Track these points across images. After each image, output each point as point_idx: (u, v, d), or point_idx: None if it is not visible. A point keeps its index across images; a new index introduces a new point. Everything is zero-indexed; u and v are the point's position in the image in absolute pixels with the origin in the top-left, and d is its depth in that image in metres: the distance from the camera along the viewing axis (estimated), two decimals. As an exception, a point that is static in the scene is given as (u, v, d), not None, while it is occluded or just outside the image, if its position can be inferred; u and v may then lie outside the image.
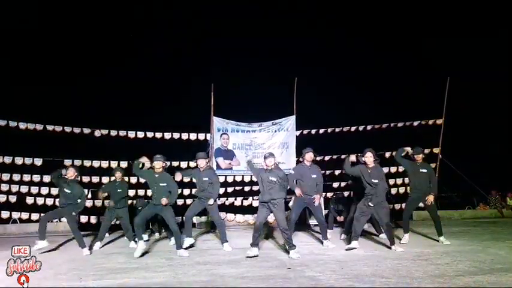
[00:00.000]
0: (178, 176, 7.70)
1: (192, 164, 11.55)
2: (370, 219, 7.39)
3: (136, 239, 7.02)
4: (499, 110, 16.64)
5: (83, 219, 11.11)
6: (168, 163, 7.40)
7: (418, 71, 16.58)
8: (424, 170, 7.41)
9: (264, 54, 17.21)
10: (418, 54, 17.27)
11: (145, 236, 7.75)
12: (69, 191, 7.18)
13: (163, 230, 9.00)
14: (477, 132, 15.84)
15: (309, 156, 7.57)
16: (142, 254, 6.58)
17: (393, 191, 12.40)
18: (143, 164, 7.14)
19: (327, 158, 12.57)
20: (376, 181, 6.62)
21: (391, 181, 12.26)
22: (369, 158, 6.72)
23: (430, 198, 7.25)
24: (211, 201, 7.41)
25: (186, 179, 9.83)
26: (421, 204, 7.77)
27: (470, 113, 15.78)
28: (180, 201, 11.13)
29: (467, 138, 15.26)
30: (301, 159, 8.12)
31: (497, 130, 16.27)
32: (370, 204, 6.58)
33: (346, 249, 6.57)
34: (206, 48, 17.09)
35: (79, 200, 7.25)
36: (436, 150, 12.50)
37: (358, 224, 6.70)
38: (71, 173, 7.36)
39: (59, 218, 10.06)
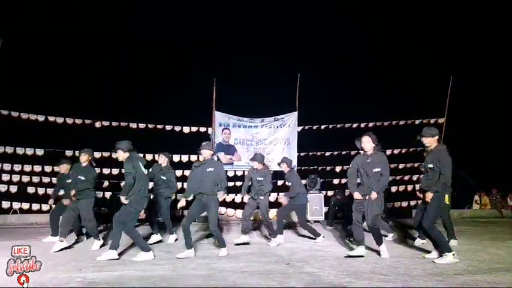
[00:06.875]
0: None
1: (192, 157, 11.60)
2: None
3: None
4: (500, 110, 16.63)
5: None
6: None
7: (421, 69, 16.55)
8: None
9: (267, 49, 17.18)
10: (420, 52, 17.22)
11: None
12: (165, 178, 7.71)
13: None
14: (479, 131, 15.84)
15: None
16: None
17: (393, 189, 12.45)
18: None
19: (327, 153, 12.60)
20: None
21: (391, 177, 12.34)
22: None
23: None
24: (262, 197, 7.38)
25: None
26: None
27: (472, 113, 15.76)
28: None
29: (469, 137, 15.25)
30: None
31: (499, 130, 16.26)
32: None
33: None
34: (208, 43, 17.05)
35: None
36: (437, 149, 12.49)
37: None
38: (162, 160, 7.85)
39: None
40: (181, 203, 6.35)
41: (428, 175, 5.58)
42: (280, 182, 10.98)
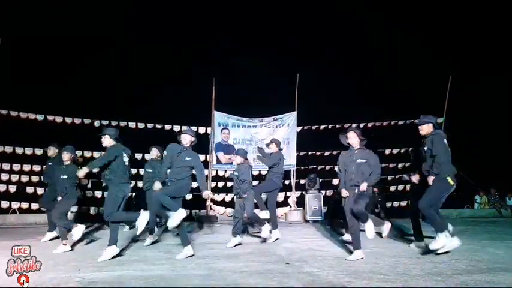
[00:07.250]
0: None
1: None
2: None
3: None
4: (500, 110, 16.64)
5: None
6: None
7: (421, 69, 16.57)
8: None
9: (267, 49, 17.19)
10: (420, 52, 17.23)
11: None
12: (150, 170, 7.84)
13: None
14: (478, 131, 15.85)
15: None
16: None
17: (392, 188, 12.47)
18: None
19: (327, 153, 12.61)
20: None
21: (390, 177, 12.37)
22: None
23: None
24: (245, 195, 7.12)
25: None
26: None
27: (472, 113, 15.77)
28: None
29: (468, 137, 15.26)
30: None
31: (499, 130, 16.27)
32: None
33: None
34: (208, 43, 17.05)
35: None
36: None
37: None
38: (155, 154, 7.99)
39: None
40: (157, 185, 6.08)
41: (427, 160, 5.69)
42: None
